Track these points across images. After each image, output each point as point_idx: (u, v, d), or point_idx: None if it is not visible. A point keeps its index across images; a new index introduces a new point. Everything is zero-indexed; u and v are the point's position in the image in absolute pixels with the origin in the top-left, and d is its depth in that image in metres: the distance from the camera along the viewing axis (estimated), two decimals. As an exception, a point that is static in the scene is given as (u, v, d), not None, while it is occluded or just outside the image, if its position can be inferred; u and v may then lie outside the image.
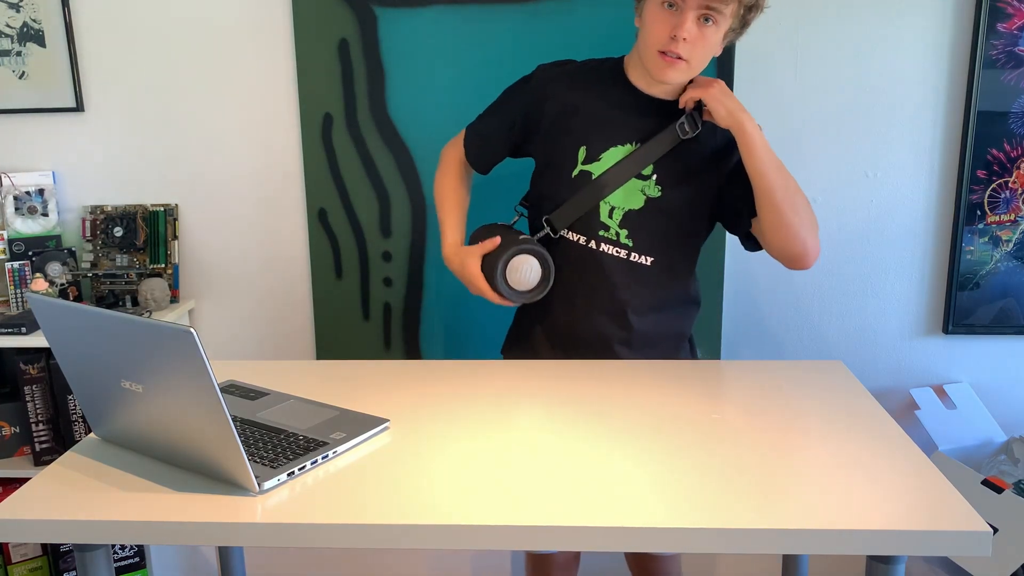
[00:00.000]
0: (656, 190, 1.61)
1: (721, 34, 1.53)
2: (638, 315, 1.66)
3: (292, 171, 2.14)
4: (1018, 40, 1.92)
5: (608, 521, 1.06)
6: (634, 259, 1.64)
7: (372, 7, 2.01)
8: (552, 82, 1.66)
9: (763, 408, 1.41)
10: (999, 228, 2.03)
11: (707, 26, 1.49)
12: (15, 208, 2.12)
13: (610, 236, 1.63)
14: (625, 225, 1.63)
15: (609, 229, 1.63)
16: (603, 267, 1.64)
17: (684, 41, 1.48)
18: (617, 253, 1.64)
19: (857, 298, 2.11)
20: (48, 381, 2.04)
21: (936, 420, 2.07)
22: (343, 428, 1.32)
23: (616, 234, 1.63)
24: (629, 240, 1.63)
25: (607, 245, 1.63)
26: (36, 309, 1.22)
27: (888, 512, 1.07)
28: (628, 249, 1.63)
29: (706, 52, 1.53)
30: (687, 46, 1.49)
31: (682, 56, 1.50)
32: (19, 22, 2.08)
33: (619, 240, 1.63)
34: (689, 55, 1.50)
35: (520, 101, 1.69)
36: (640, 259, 1.64)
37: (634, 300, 1.65)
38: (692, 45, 1.49)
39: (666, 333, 1.72)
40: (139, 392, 1.16)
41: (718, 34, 1.52)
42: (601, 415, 1.38)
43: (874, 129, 2.01)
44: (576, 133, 1.63)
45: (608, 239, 1.63)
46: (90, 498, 1.15)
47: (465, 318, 2.17)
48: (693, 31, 1.48)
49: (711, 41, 1.52)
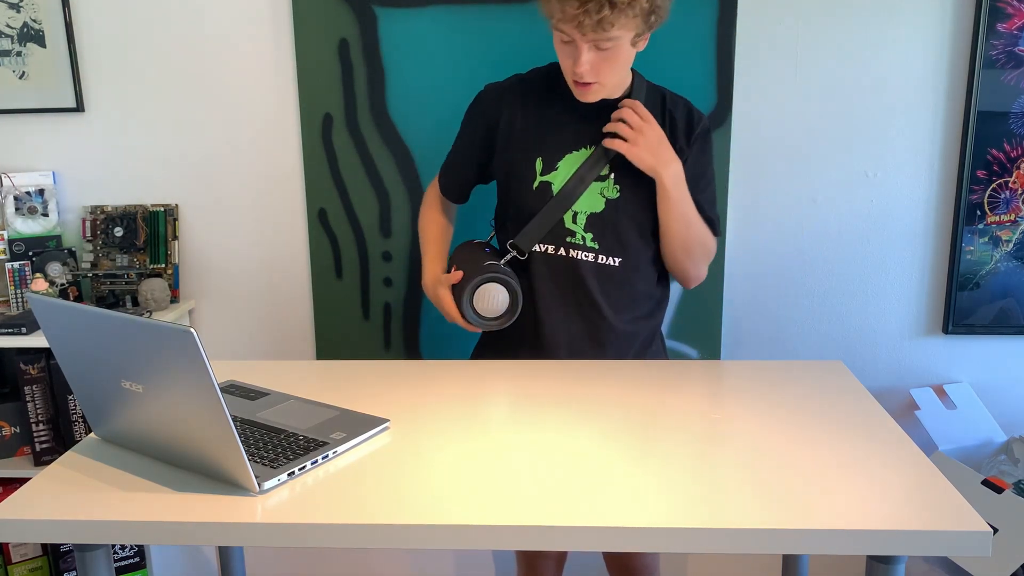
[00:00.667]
0: (614, 191, 1.62)
1: (627, 46, 1.53)
2: (614, 315, 1.67)
3: (292, 171, 2.14)
4: (1018, 40, 1.92)
5: (608, 521, 1.06)
6: (602, 261, 1.65)
7: (372, 7, 2.01)
8: (500, 100, 1.69)
9: (763, 408, 1.41)
10: (999, 228, 2.03)
11: (606, 50, 1.51)
12: (15, 208, 2.12)
13: (576, 241, 1.65)
14: (590, 228, 1.64)
15: (575, 234, 1.65)
16: (575, 272, 1.66)
17: (588, 70, 1.52)
18: (586, 257, 1.65)
19: (857, 298, 2.11)
20: (48, 381, 2.04)
21: (936, 420, 2.07)
22: (343, 428, 1.32)
23: (582, 238, 1.65)
24: (595, 243, 1.65)
25: (575, 250, 1.65)
26: (36, 309, 1.22)
27: (888, 512, 1.07)
28: (595, 252, 1.65)
29: (616, 68, 1.55)
30: (592, 72, 1.53)
31: (591, 81, 1.54)
32: (19, 22, 2.08)
33: (586, 244, 1.65)
34: (597, 78, 1.54)
35: (476, 124, 1.73)
36: (608, 260, 1.65)
37: (608, 301, 1.67)
38: (597, 69, 1.53)
39: (640, 331, 1.73)
40: (139, 392, 1.16)
41: (623, 49, 1.53)
42: (601, 415, 1.38)
43: (874, 129, 2.01)
44: (530, 145, 1.66)
45: (575, 244, 1.65)
46: (90, 498, 1.15)
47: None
48: (591, 60, 1.51)
49: (620, 57, 1.53)
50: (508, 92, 1.70)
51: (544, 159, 1.65)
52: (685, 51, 1.96)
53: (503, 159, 1.69)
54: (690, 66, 1.95)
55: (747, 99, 2.01)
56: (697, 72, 1.96)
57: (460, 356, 2.19)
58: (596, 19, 1.44)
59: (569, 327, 1.68)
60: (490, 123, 1.70)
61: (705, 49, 1.97)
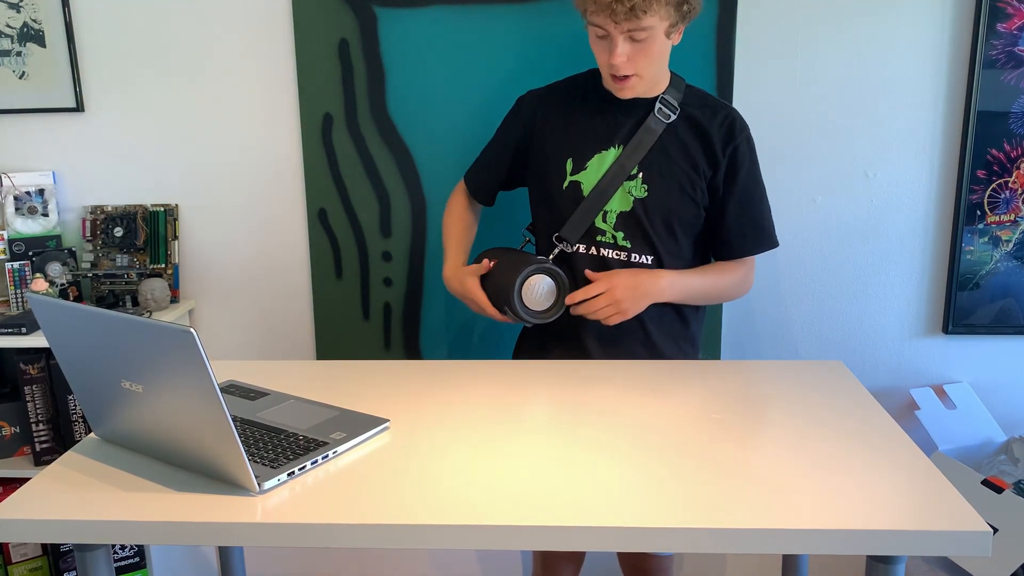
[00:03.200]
0: (642, 190, 1.62)
1: (661, 37, 1.53)
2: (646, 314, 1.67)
3: (292, 171, 2.14)
4: (1018, 40, 1.92)
5: (608, 521, 1.06)
6: (635, 260, 1.65)
7: (372, 7, 2.01)
8: (536, 106, 1.71)
9: (763, 408, 1.41)
10: (999, 228, 2.03)
11: (641, 41, 1.51)
12: (15, 208, 2.12)
13: (608, 240, 1.65)
14: (620, 227, 1.64)
15: (606, 233, 1.65)
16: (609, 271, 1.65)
17: (625, 62, 1.52)
18: (618, 256, 1.65)
19: (857, 298, 2.11)
20: (48, 381, 2.04)
21: (936, 420, 2.07)
22: (343, 428, 1.32)
23: (613, 237, 1.65)
24: (627, 242, 1.65)
25: (607, 249, 1.65)
26: (36, 309, 1.22)
27: (888, 512, 1.07)
28: (627, 251, 1.65)
29: (652, 59, 1.55)
30: (629, 64, 1.53)
31: (629, 74, 1.55)
32: (19, 22, 2.08)
33: (617, 243, 1.65)
34: (635, 70, 1.55)
35: (513, 129, 1.75)
36: (640, 259, 1.65)
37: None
38: (634, 61, 1.53)
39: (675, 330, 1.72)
40: (139, 392, 1.16)
41: (657, 39, 1.53)
42: (601, 415, 1.38)
43: (874, 129, 2.01)
44: (562, 146, 1.67)
45: (607, 243, 1.65)
46: (90, 498, 1.15)
47: (465, 318, 2.17)
48: (628, 52, 1.51)
49: (654, 49, 1.53)
50: (544, 98, 1.72)
51: (574, 159, 1.65)
52: (685, 51, 1.96)
53: (537, 162, 1.71)
54: (690, 66, 1.95)
55: (747, 99, 2.01)
56: (697, 72, 1.96)
57: (460, 356, 2.20)
58: (629, 5, 1.44)
59: (601, 327, 1.67)
60: (526, 127, 1.72)
61: (705, 49, 1.97)
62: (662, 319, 1.70)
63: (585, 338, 1.70)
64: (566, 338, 1.71)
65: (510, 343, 1.91)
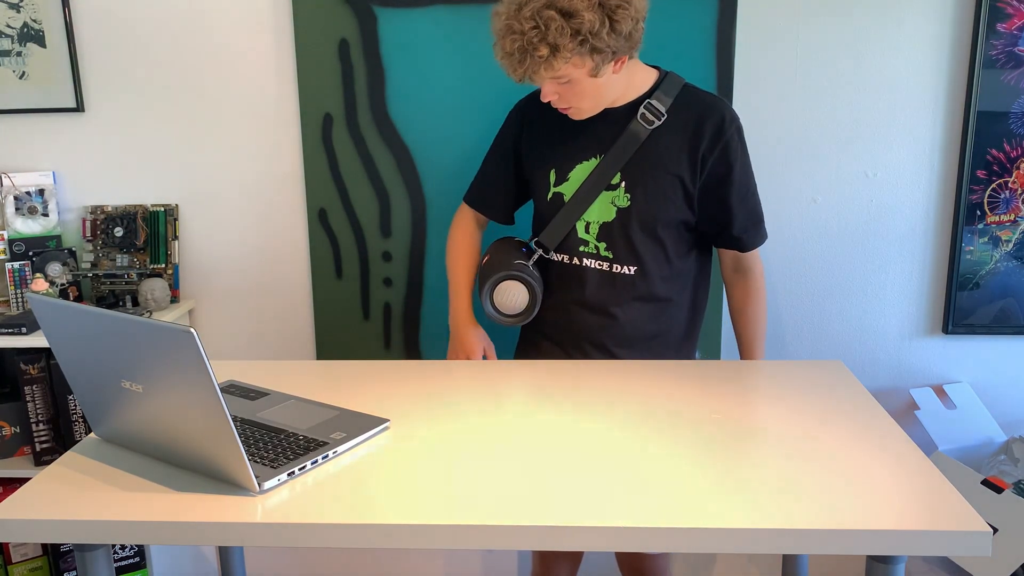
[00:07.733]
0: (625, 199, 1.61)
1: (587, 74, 1.47)
2: (630, 323, 1.67)
3: (292, 171, 2.14)
4: (1018, 40, 1.92)
5: (608, 521, 1.06)
6: (616, 270, 1.64)
7: (372, 7, 2.01)
8: (522, 116, 1.71)
9: (763, 408, 1.41)
10: (999, 228, 2.03)
11: (567, 83, 1.49)
12: (15, 208, 2.12)
13: (590, 251, 1.65)
14: (602, 238, 1.64)
15: (588, 244, 1.65)
16: (590, 282, 1.65)
17: (557, 99, 1.53)
18: (600, 267, 1.65)
19: (857, 298, 2.11)
20: (48, 381, 2.04)
21: (936, 420, 2.07)
22: (343, 428, 1.32)
23: (596, 248, 1.64)
24: (609, 252, 1.64)
25: (589, 259, 1.65)
26: (36, 309, 1.22)
27: (888, 512, 1.07)
28: (609, 261, 1.64)
29: (584, 95, 1.52)
30: (561, 100, 1.53)
31: (568, 107, 1.55)
32: (19, 22, 2.08)
33: (599, 253, 1.64)
34: (570, 103, 1.54)
35: (508, 136, 1.74)
36: (623, 269, 1.64)
37: (624, 311, 1.66)
38: (565, 99, 1.53)
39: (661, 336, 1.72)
40: (139, 392, 1.16)
41: (584, 81, 1.48)
42: (601, 415, 1.38)
43: (874, 129, 2.01)
44: (544, 158, 1.67)
45: (589, 254, 1.65)
46: (90, 498, 1.15)
47: (465, 318, 2.17)
48: (556, 91, 1.51)
49: (584, 88, 1.50)
50: (526, 108, 1.71)
51: (557, 170, 1.65)
52: (685, 51, 1.96)
53: (528, 171, 1.71)
54: (690, 66, 1.95)
55: (747, 99, 2.01)
56: (697, 72, 1.96)
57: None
58: (522, 70, 1.44)
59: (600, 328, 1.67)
60: (516, 136, 1.72)
61: (705, 49, 1.97)
62: (661, 319, 1.70)
63: (585, 339, 1.69)
64: (566, 339, 1.71)
65: (510, 343, 1.91)
